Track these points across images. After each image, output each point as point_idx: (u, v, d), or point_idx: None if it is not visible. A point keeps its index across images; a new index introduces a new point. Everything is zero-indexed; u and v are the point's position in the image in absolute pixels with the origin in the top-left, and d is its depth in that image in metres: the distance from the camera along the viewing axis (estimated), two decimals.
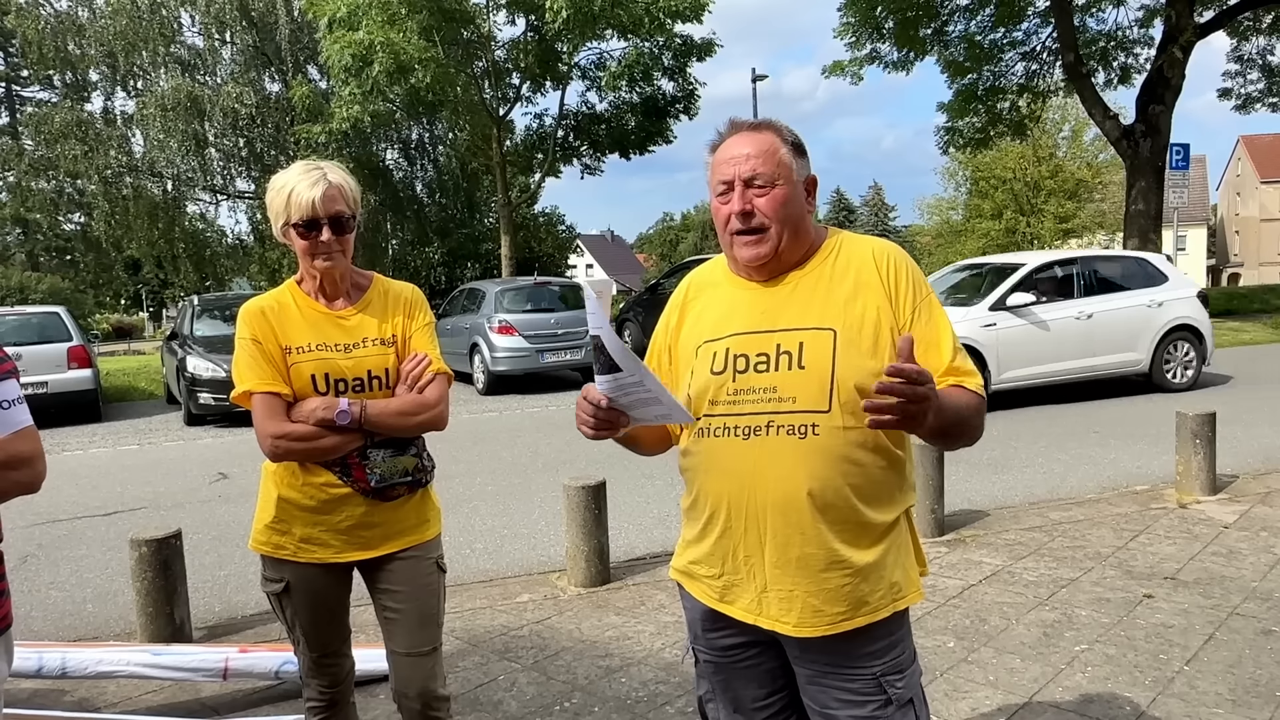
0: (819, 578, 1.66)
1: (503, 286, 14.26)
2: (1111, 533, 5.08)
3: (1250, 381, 11.04)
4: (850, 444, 1.64)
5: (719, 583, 1.77)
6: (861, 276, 1.71)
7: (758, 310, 1.74)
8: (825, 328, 1.67)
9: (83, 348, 12.27)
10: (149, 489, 7.67)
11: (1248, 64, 22.28)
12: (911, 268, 1.74)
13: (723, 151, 1.75)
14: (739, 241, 1.72)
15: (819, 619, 1.67)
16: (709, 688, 1.89)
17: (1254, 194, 56.68)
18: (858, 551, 1.67)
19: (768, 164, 1.69)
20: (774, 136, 1.72)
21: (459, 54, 20.67)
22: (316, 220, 2.14)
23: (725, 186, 1.72)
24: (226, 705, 3.46)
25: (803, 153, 1.76)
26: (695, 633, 1.87)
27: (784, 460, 1.65)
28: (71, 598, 5.00)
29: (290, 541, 2.21)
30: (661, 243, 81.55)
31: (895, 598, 1.71)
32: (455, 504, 6.29)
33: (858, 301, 1.69)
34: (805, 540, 1.66)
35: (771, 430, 1.66)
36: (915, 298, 1.71)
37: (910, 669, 1.75)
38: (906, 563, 1.74)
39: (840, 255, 1.75)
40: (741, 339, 1.73)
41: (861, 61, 21.49)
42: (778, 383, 1.67)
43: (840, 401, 1.63)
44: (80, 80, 26.47)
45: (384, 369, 2.22)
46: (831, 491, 1.64)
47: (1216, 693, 3.18)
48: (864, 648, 1.70)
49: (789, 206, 1.70)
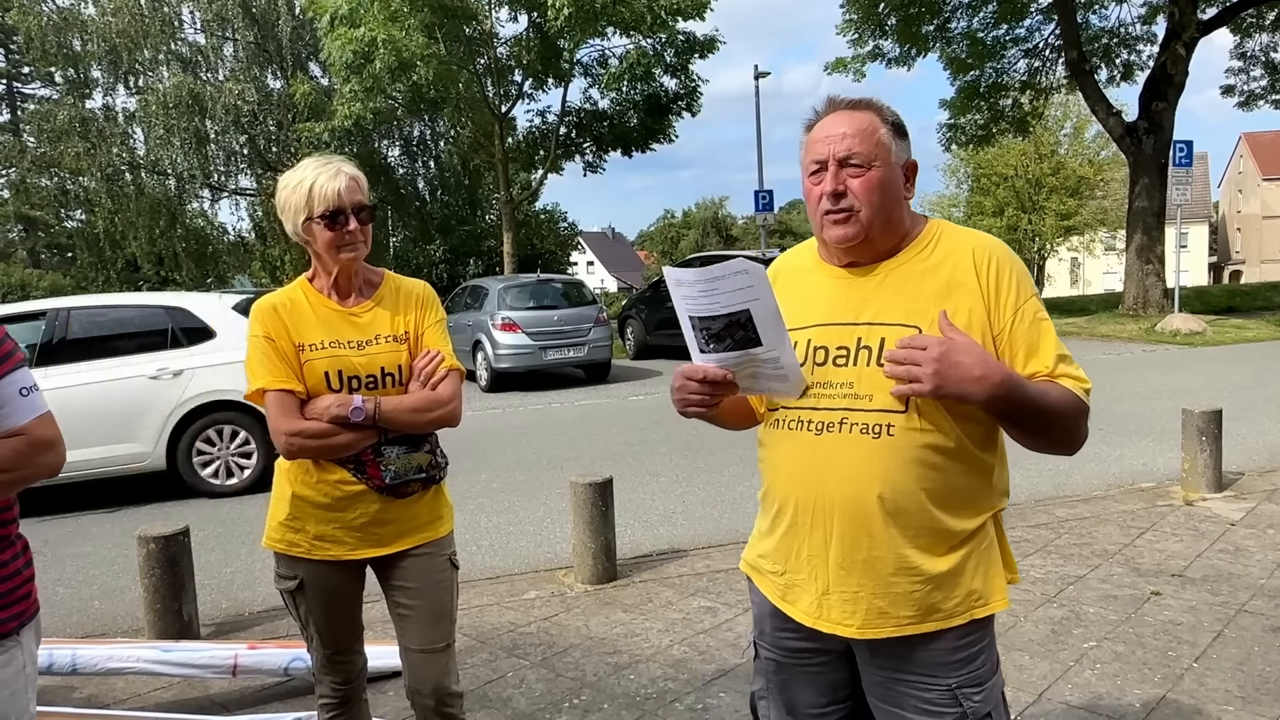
0: (886, 580, 1.59)
1: (506, 283, 14.26)
2: (1118, 530, 5.08)
3: (1255, 378, 11.03)
4: (927, 447, 1.56)
5: (781, 580, 1.72)
6: (957, 274, 1.61)
7: (842, 300, 1.66)
8: (910, 325, 1.57)
9: None
10: (154, 486, 7.65)
11: (1250, 61, 22.22)
12: (1015, 269, 1.63)
13: (818, 130, 1.65)
14: (828, 220, 1.63)
15: (884, 621, 1.61)
16: (765, 685, 1.83)
17: (1256, 191, 56.61)
18: (931, 559, 1.59)
19: (865, 144, 1.60)
20: (873, 115, 1.63)
21: (461, 51, 20.63)
22: (342, 210, 2.14)
23: (818, 165, 1.63)
24: (235, 702, 3.47)
25: (903, 134, 1.66)
26: (761, 628, 1.81)
27: (855, 460, 1.58)
28: (79, 594, 5.01)
29: (304, 539, 2.21)
30: (663, 240, 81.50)
31: (973, 605, 1.61)
32: (460, 501, 6.25)
33: (949, 300, 1.59)
34: (874, 544, 1.59)
35: (844, 428, 1.59)
36: (1016, 301, 1.59)
37: (990, 682, 1.65)
38: (990, 570, 1.64)
39: (937, 248, 1.65)
40: (823, 330, 1.65)
41: (864, 58, 21.47)
42: (855, 378, 1.60)
43: (918, 403, 1.55)
44: (82, 77, 26.44)
45: (397, 366, 2.22)
46: (904, 496, 1.57)
47: (1226, 690, 3.18)
48: (938, 657, 1.62)
49: (884, 191, 1.60)
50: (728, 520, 5.85)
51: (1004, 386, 1.48)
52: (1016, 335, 1.58)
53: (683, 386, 1.66)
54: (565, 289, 14.52)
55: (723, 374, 1.61)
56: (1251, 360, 12.87)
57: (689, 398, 1.66)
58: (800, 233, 73.58)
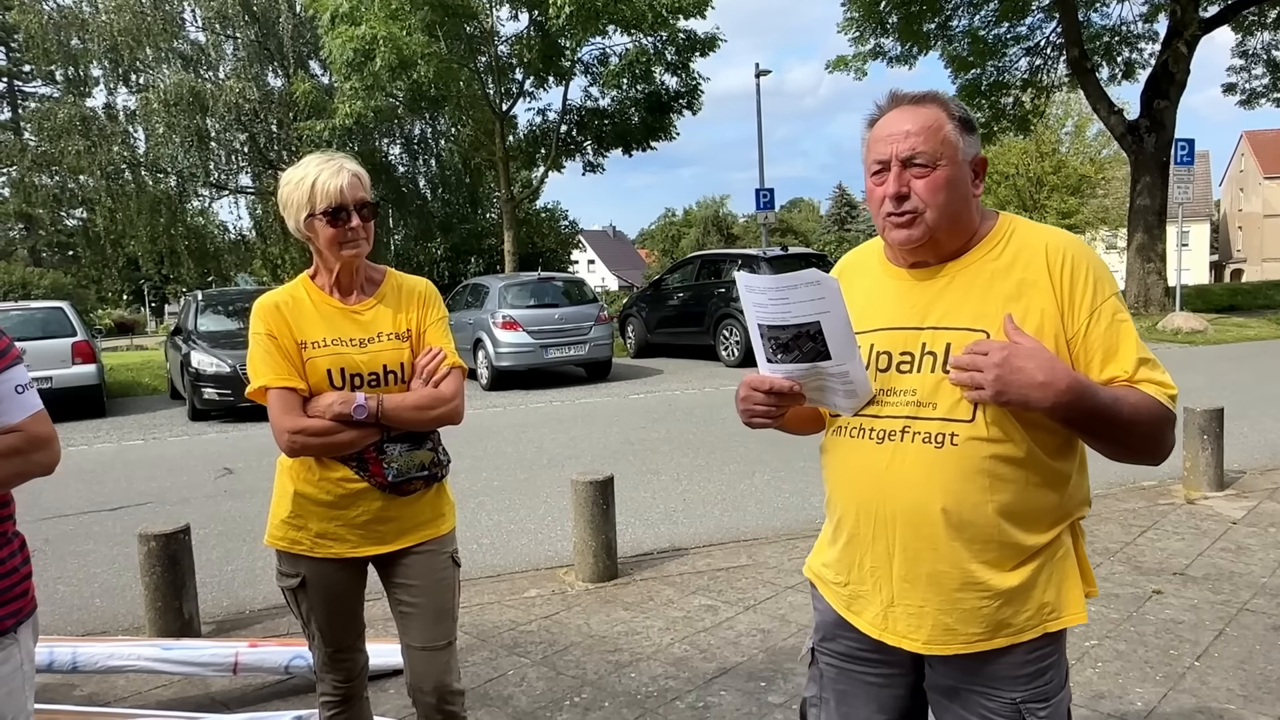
0: (952, 596, 1.53)
1: (506, 282, 14.26)
2: (1119, 528, 5.08)
3: (1256, 377, 11.02)
4: (994, 458, 1.49)
5: (845, 591, 1.67)
6: (1029, 273, 1.52)
7: (907, 304, 1.59)
8: (978, 329, 1.50)
9: (86, 343, 12.28)
10: (154, 484, 7.67)
11: (1252, 59, 22.24)
12: (1093, 266, 1.53)
13: (881, 127, 1.57)
14: (890, 223, 1.56)
15: (951, 637, 1.55)
16: (819, 692, 1.77)
17: (1257, 190, 56.55)
18: (999, 574, 1.52)
19: (929, 142, 1.51)
20: (939, 111, 1.55)
21: (461, 49, 20.63)
22: (345, 207, 2.13)
23: (880, 166, 1.56)
24: (236, 700, 3.47)
25: (971, 129, 1.57)
26: (823, 635, 1.75)
27: (918, 470, 1.52)
28: (79, 593, 5.00)
29: (306, 537, 2.21)
30: (664, 238, 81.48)
31: (1045, 619, 1.55)
32: (461, 499, 6.24)
33: (1020, 302, 1.51)
34: (938, 557, 1.53)
35: (907, 436, 1.53)
36: (1093, 301, 1.50)
37: (1057, 698, 1.58)
38: (1065, 581, 1.56)
39: (1008, 246, 1.57)
40: (887, 335, 1.59)
41: (865, 56, 21.47)
42: (919, 385, 1.53)
43: (984, 411, 1.48)
44: (82, 75, 26.44)
45: (399, 363, 2.22)
46: (969, 508, 1.50)
47: (1228, 688, 3.18)
48: (1005, 671, 1.56)
49: (950, 190, 1.53)
50: (729, 518, 5.85)
51: (1070, 393, 1.39)
52: (1093, 338, 1.49)
53: (748, 397, 1.60)
54: (566, 287, 14.52)
55: (789, 385, 1.55)
56: (1253, 359, 12.87)
57: (754, 408, 1.60)
58: (800, 231, 73.60)
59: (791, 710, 3.14)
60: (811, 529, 5.32)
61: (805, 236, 71.10)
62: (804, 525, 5.47)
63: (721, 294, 14.93)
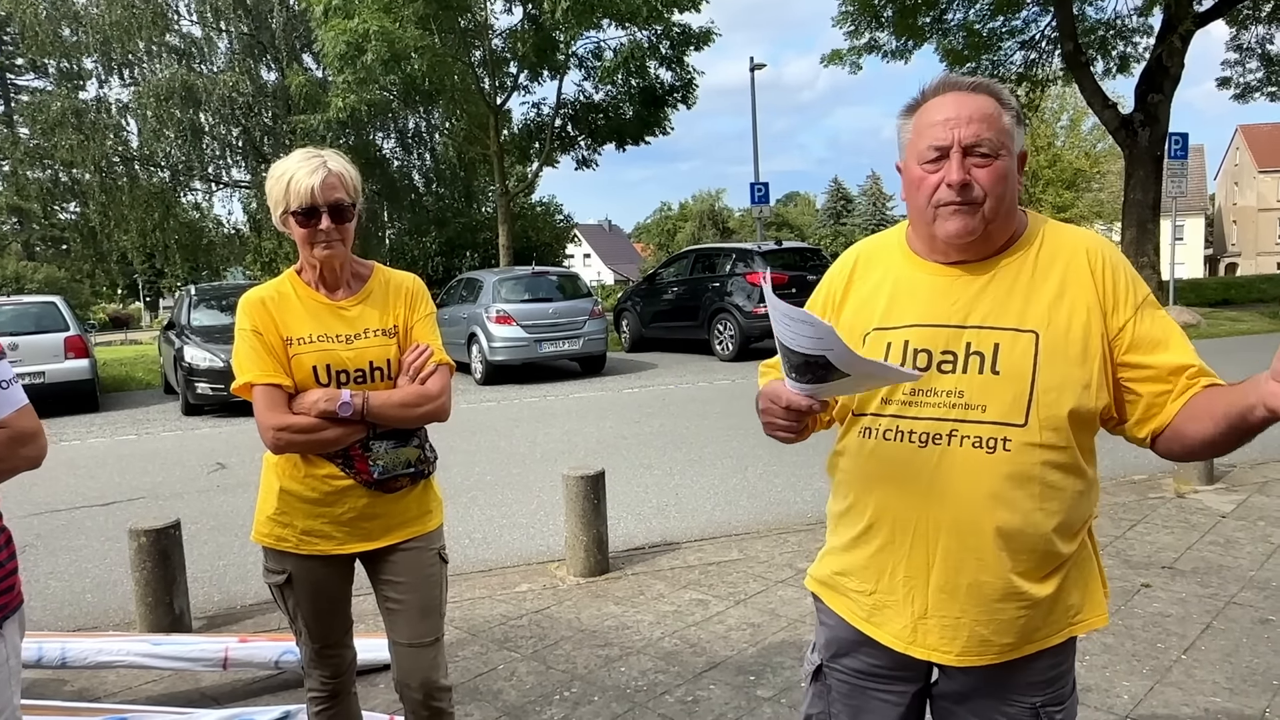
0: (992, 607, 1.49)
1: (501, 276, 14.24)
2: (1109, 522, 5.09)
3: (1248, 371, 10.99)
4: (1046, 464, 1.45)
5: (869, 600, 1.60)
6: (1070, 273, 1.49)
7: (946, 300, 1.52)
8: (1026, 329, 1.46)
9: (79, 337, 12.25)
10: (147, 479, 7.66)
11: (1247, 53, 22.22)
12: (1128, 269, 1.53)
13: (933, 112, 1.49)
14: (945, 212, 1.47)
15: (985, 649, 1.51)
16: (826, 709, 1.71)
17: (1252, 183, 56.66)
18: (1036, 584, 1.49)
19: (992, 130, 1.45)
20: (996, 101, 1.49)
21: (455, 42, 20.58)
22: (315, 208, 2.12)
23: (938, 152, 1.47)
24: (226, 695, 3.47)
25: (1021, 121, 1.52)
26: (834, 651, 1.68)
27: (968, 476, 1.46)
28: (70, 588, 5.00)
29: (292, 534, 2.21)
30: (659, 232, 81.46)
31: (1070, 622, 1.54)
32: (453, 494, 6.30)
33: (1064, 301, 1.47)
34: (981, 567, 1.48)
35: (954, 440, 1.47)
36: (1136, 299, 1.49)
37: (1070, 699, 1.59)
38: (1089, 584, 1.56)
39: (1045, 245, 1.53)
40: (924, 332, 1.52)
41: (860, 50, 21.44)
42: (965, 386, 1.47)
43: (1040, 416, 1.44)
44: (75, 68, 26.34)
45: (386, 360, 2.21)
46: (1020, 516, 1.45)
47: (1214, 681, 3.20)
48: (1028, 677, 1.54)
49: (1009, 182, 1.48)
50: (721, 513, 5.86)
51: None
52: (1142, 330, 1.47)
53: (768, 409, 1.54)
54: (560, 282, 14.52)
55: (807, 404, 1.46)
56: (1245, 353, 12.89)
57: (775, 422, 1.53)
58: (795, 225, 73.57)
59: (780, 704, 3.15)
60: (803, 524, 5.33)
61: (801, 230, 71.13)
62: (795, 520, 5.48)
63: (716, 288, 14.93)
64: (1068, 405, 1.45)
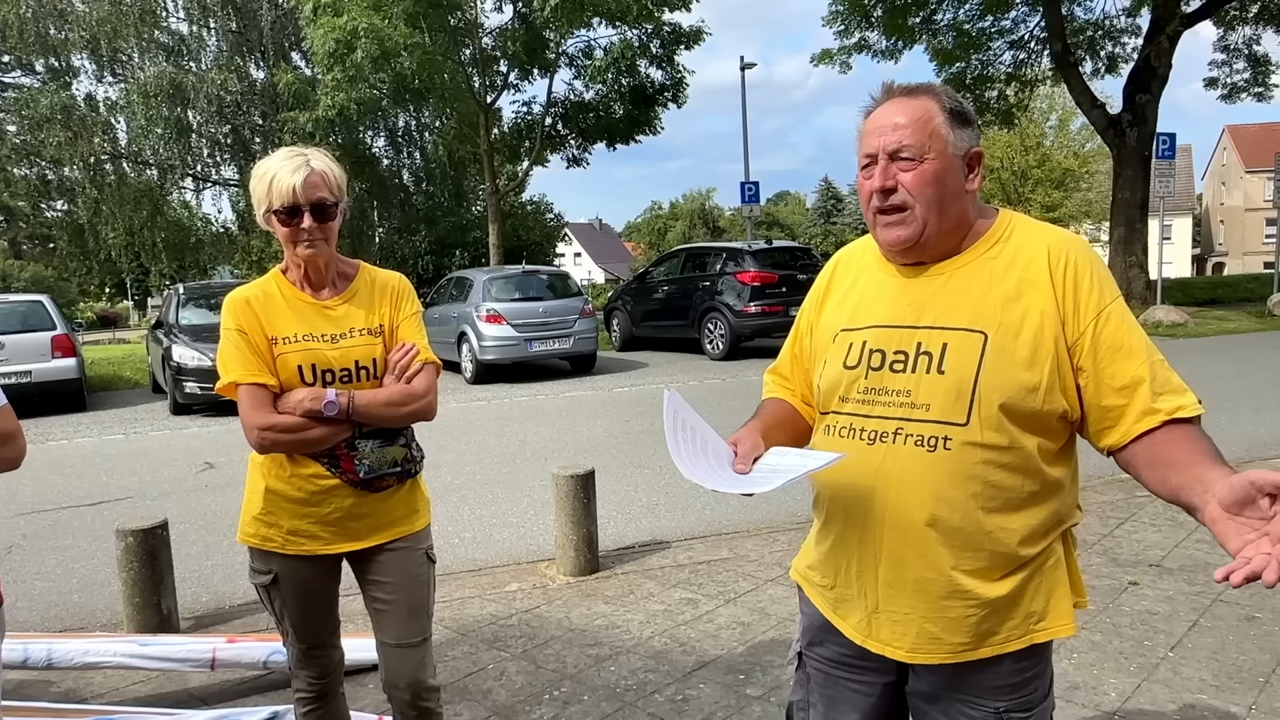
0: (938, 604, 1.50)
1: (491, 275, 14.21)
2: (1097, 520, 5.12)
3: (1235, 370, 11.12)
4: (987, 463, 1.45)
5: (831, 594, 1.65)
6: (1030, 273, 1.49)
7: (903, 301, 1.56)
8: (975, 330, 1.47)
9: (67, 336, 12.16)
10: (135, 479, 7.62)
11: (1234, 54, 22.35)
12: (1096, 269, 1.49)
13: (871, 120, 1.54)
14: (880, 221, 1.53)
15: (936, 647, 1.52)
16: (806, 696, 1.75)
17: (1239, 183, 56.96)
18: (987, 584, 1.49)
19: (917, 134, 1.48)
20: (930, 102, 1.51)
21: (445, 40, 20.53)
22: (297, 207, 2.10)
23: (868, 159, 1.53)
24: (215, 695, 3.45)
25: (964, 122, 1.52)
26: (809, 639, 1.73)
27: (908, 473, 1.48)
28: (57, 588, 4.97)
29: (278, 534, 2.20)
30: (650, 231, 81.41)
31: (1032, 630, 1.52)
32: (443, 493, 6.29)
33: (1019, 303, 1.47)
34: (924, 564, 1.50)
35: (899, 438, 1.50)
36: (1098, 304, 1.46)
37: (1040, 707, 1.56)
38: (1055, 592, 1.53)
39: (1008, 245, 1.53)
40: (881, 333, 1.56)
41: (850, 50, 21.51)
42: (913, 386, 1.50)
43: (981, 415, 1.44)
44: (63, 66, 26.15)
45: (371, 359, 2.20)
46: (960, 515, 1.46)
47: (1200, 678, 3.21)
48: (990, 680, 1.53)
49: (939, 184, 1.49)
50: (710, 512, 5.86)
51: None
52: (1101, 341, 1.45)
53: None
54: (551, 280, 14.50)
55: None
56: (1232, 351, 12.98)
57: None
58: (786, 224, 73.67)
59: (770, 703, 3.16)
60: (793, 522, 5.34)
61: (791, 229, 71.22)
62: (786, 519, 5.49)
63: (706, 287, 14.94)
64: (1010, 407, 1.44)
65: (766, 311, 14.03)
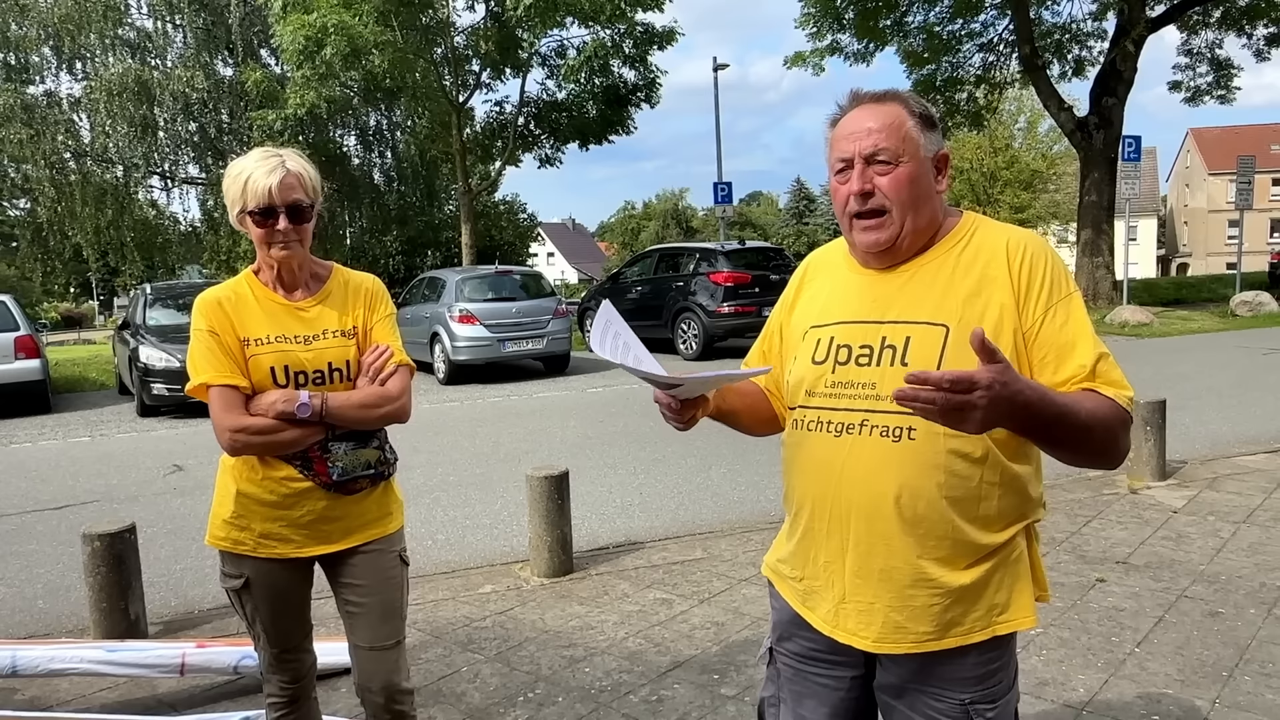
0: (904, 593, 1.53)
1: (464, 275, 14.15)
2: (1065, 518, 5.18)
3: (1198, 369, 11.31)
4: (951, 453, 1.49)
5: (800, 586, 1.67)
6: (990, 270, 1.54)
7: (868, 298, 1.60)
8: (937, 323, 1.51)
9: (30, 337, 11.95)
10: (101, 482, 7.51)
11: (1197, 57, 22.74)
12: (1051, 264, 1.55)
13: (843, 126, 1.58)
14: (857, 225, 1.57)
15: (901, 636, 1.55)
16: (776, 692, 1.77)
17: (1202, 185, 57.96)
18: (951, 572, 1.52)
19: (892, 139, 1.53)
20: (900, 108, 1.56)
21: (417, 39, 20.40)
22: (273, 208, 2.09)
23: (844, 164, 1.56)
24: (184, 701, 3.41)
25: (932, 125, 1.58)
26: (780, 634, 1.76)
27: (873, 463, 1.52)
28: (21, 594, 4.88)
29: (250, 537, 2.18)
30: (623, 231, 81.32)
31: (994, 621, 1.55)
32: (416, 495, 6.25)
33: (980, 297, 1.52)
34: (890, 553, 1.53)
35: (864, 429, 1.53)
36: (1050, 298, 1.51)
37: (1004, 699, 1.59)
38: (1016, 585, 1.56)
39: (970, 243, 1.58)
40: (846, 328, 1.60)
41: (823, 53, 21.67)
42: (877, 379, 1.53)
43: None
44: (24, 62, 25.66)
45: (345, 361, 2.19)
46: (924, 503, 1.50)
47: (1166, 673, 3.27)
48: (955, 672, 1.56)
49: (914, 187, 1.54)
50: (685, 512, 5.87)
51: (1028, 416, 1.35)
52: (1048, 333, 1.50)
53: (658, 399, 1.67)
54: (524, 281, 14.47)
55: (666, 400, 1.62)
56: (1196, 351, 13.20)
57: (664, 413, 1.67)
58: (758, 224, 73.90)
59: (744, 703, 3.17)
60: (766, 522, 5.37)
61: (764, 230, 71.42)
62: (759, 518, 5.51)
63: (679, 287, 14.97)
64: None
65: (740, 312, 14.08)
